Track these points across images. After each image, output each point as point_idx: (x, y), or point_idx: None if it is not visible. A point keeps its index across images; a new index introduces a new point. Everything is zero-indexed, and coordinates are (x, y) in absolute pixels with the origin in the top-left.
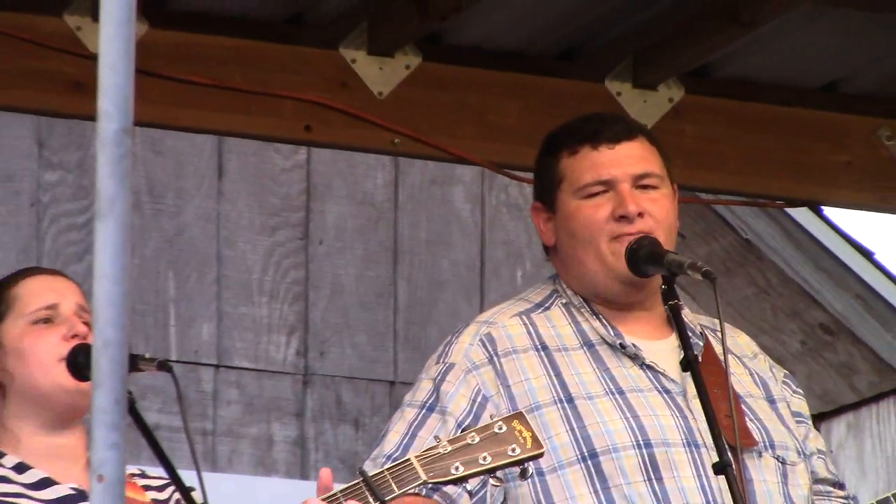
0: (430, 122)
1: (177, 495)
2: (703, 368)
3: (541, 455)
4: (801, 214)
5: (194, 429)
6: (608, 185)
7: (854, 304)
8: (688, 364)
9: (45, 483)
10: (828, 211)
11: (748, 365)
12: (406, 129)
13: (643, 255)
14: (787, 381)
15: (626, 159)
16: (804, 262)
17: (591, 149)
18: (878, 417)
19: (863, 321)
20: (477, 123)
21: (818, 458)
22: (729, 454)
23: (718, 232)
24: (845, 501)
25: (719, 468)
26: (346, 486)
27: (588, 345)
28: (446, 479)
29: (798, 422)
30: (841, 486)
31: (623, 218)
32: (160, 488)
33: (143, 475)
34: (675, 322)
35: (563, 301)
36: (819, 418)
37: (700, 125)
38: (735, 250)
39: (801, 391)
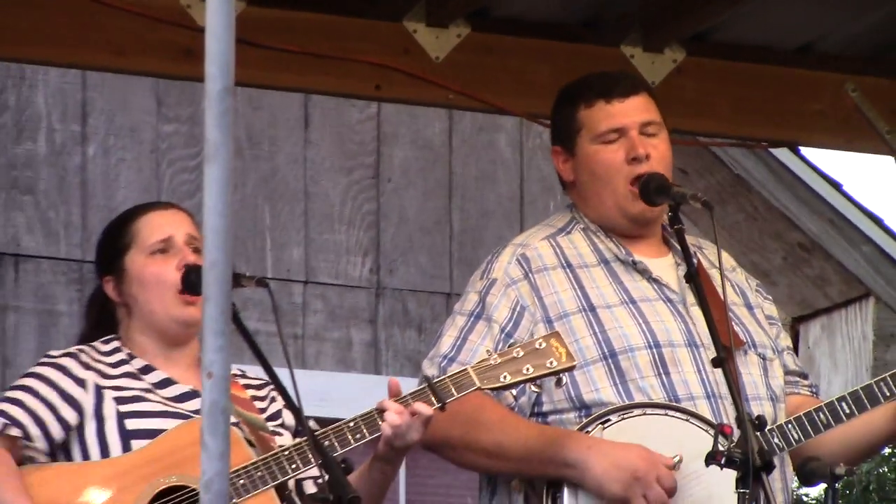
0: (477, 81)
1: (274, 393)
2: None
3: (573, 368)
4: (782, 153)
5: (286, 334)
6: (620, 133)
7: (826, 226)
8: (690, 277)
9: (167, 382)
10: (804, 150)
11: (729, 277)
12: (458, 87)
13: (653, 187)
14: (759, 289)
15: (634, 111)
16: (785, 193)
17: (604, 102)
18: (847, 320)
19: (833, 241)
20: (516, 81)
21: (787, 353)
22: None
23: (714, 168)
24: (809, 388)
25: (717, 363)
26: (413, 390)
27: (604, 262)
28: (496, 385)
29: (770, 323)
30: (805, 377)
31: (635, 159)
32: (258, 387)
33: (243, 375)
34: (680, 242)
35: (581, 226)
36: (798, 321)
37: (698, 81)
38: (728, 183)
39: (770, 297)
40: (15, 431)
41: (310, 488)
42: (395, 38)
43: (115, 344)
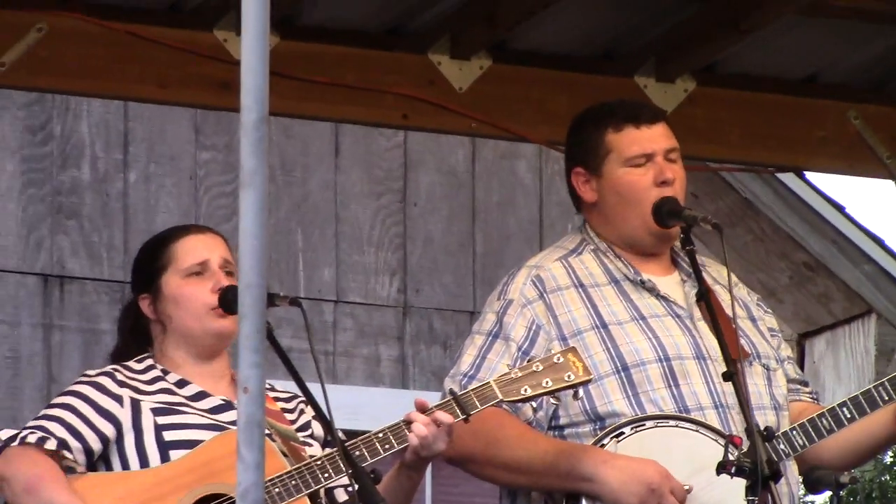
0: (499, 110)
1: (302, 405)
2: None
3: (590, 381)
4: (789, 178)
5: (318, 351)
6: (648, 157)
7: (830, 247)
8: (702, 295)
9: (201, 395)
10: (809, 175)
11: (733, 293)
12: (480, 116)
13: (666, 211)
14: (760, 303)
15: (660, 137)
16: (791, 215)
17: (634, 128)
18: (850, 335)
19: (837, 260)
20: (536, 111)
21: (788, 363)
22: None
23: (723, 192)
24: (810, 395)
25: (728, 376)
26: (438, 402)
27: (615, 281)
28: (517, 398)
29: (772, 335)
30: (806, 384)
31: (664, 183)
32: (287, 399)
33: (272, 389)
34: (691, 263)
35: (591, 247)
36: (804, 336)
37: (709, 110)
38: (736, 206)
39: (770, 311)
40: (51, 444)
41: (341, 496)
42: (421, 70)
43: (149, 362)
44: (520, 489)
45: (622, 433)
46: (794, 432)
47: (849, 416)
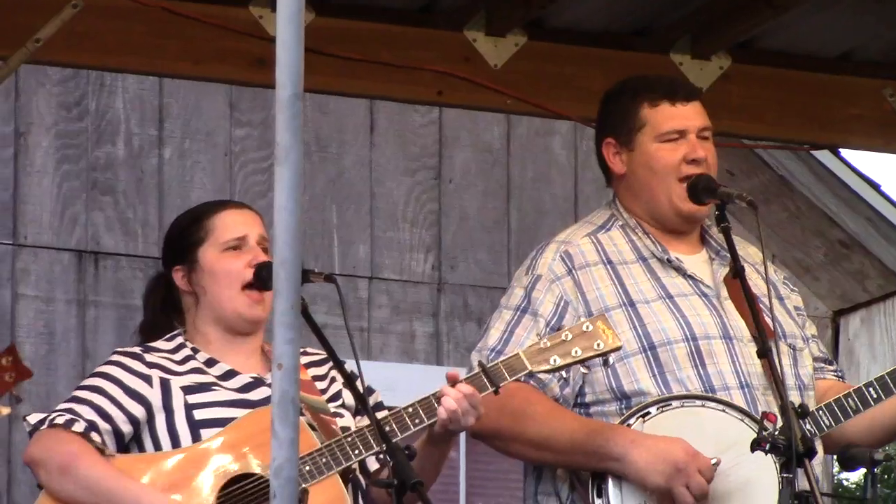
0: (534, 87)
1: (334, 372)
2: (730, 277)
3: (619, 348)
4: (824, 155)
5: (353, 327)
6: (681, 134)
7: (865, 224)
8: (737, 273)
9: (230, 374)
10: (844, 152)
11: (759, 270)
12: (515, 93)
13: (701, 188)
14: (786, 282)
15: (695, 115)
16: (826, 192)
17: (669, 104)
18: (885, 313)
19: (872, 238)
20: (570, 87)
21: (813, 341)
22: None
23: (759, 169)
24: (835, 373)
25: (762, 353)
26: (468, 375)
27: (642, 259)
28: (547, 368)
29: (798, 314)
30: (830, 362)
31: (694, 161)
32: (319, 363)
33: (304, 352)
34: (727, 240)
35: (620, 223)
36: (839, 314)
37: (744, 87)
38: (772, 184)
39: (796, 289)
40: (79, 426)
41: (373, 465)
42: (456, 47)
43: (179, 340)
44: (545, 466)
45: (648, 412)
46: (821, 412)
47: (875, 396)
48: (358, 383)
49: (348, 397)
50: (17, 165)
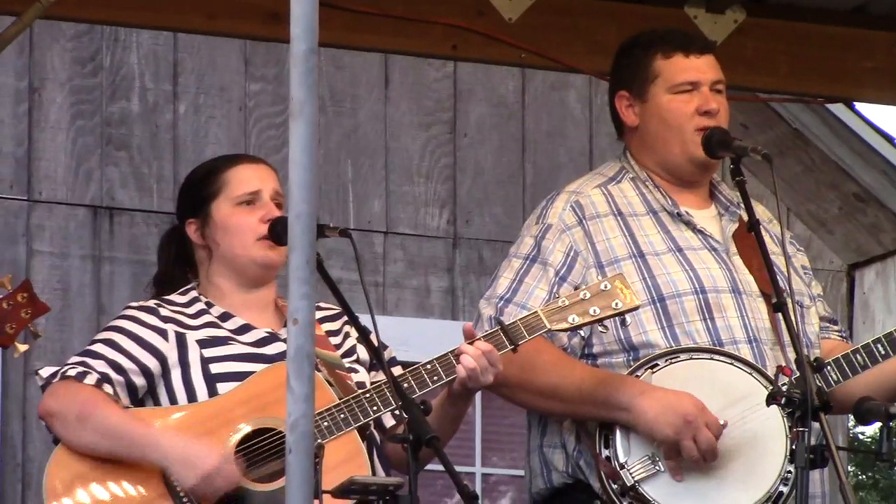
0: (548, 41)
1: (347, 326)
2: (740, 233)
3: (637, 308)
4: (838, 108)
5: (368, 282)
6: (694, 86)
7: (879, 177)
8: (752, 226)
9: (245, 329)
10: (859, 105)
11: (767, 228)
12: (530, 47)
13: (716, 141)
14: (793, 240)
15: (708, 68)
16: (840, 146)
17: (683, 56)
18: None
19: (886, 191)
20: (585, 41)
21: (819, 300)
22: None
23: (773, 123)
24: (839, 333)
25: (777, 307)
26: (487, 332)
27: (652, 212)
28: (566, 326)
29: (805, 272)
30: (835, 322)
31: (707, 113)
32: (333, 318)
33: (318, 307)
34: (741, 194)
35: (631, 176)
36: (853, 267)
37: (758, 41)
38: (786, 137)
39: (802, 248)
40: (91, 379)
41: (389, 421)
42: (470, 1)
43: (193, 294)
44: (551, 417)
45: (656, 364)
46: (829, 368)
47: (883, 352)
48: (373, 338)
49: (363, 352)
50: (32, 121)
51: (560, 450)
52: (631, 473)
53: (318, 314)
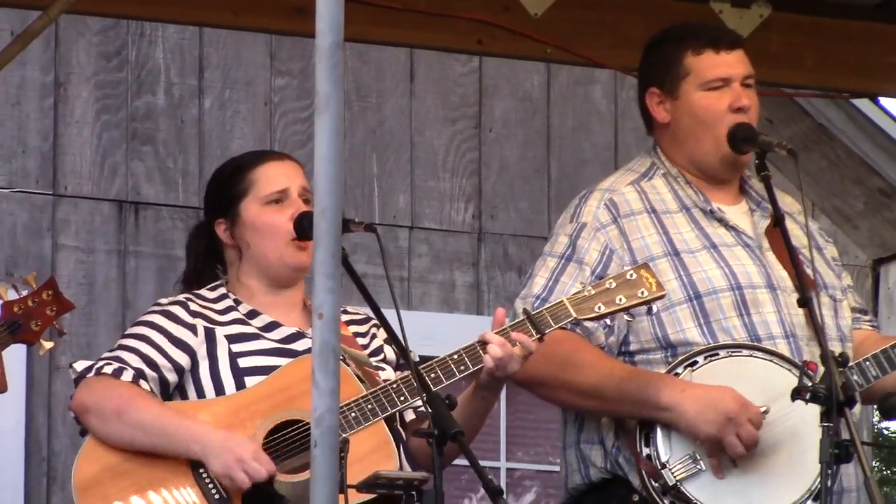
0: (574, 36)
1: (374, 328)
2: (772, 228)
3: (663, 296)
4: (863, 103)
5: (393, 276)
6: (725, 82)
7: None
8: (778, 221)
9: (273, 326)
10: (884, 100)
11: (797, 220)
12: (556, 42)
13: (741, 137)
14: (822, 232)
15: (739, 63)
16: (865, 141)
17: (713, 52)
18: None
19: None
20: (611, 36)
21: (849, 291)
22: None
23: (798, 118)
24: (870, 323)
25: (802, 303)
26: (513, 322)
27: (685, 209)
28: (591, 315)
29: (836, 264)
30: (865, 312)
31: (739, 109)
32: (360, 322)
33: (345, 311)
34: (767, 189)
35: (662, 172)
36: (878, 262)
37: (784, 35)
38: (811, 132)
39: (831, 240)
40: (128, 375)
41: (409, 416)
42: None
43: (222, 290)
44: (589, 415)
45: (696, 362)
46: (867, 363)
47: None
48: (399, 333)
49: (389, 352)
50: (58, 116)
51: (598, 446)
52: (672, 473)
53: (346, 317)
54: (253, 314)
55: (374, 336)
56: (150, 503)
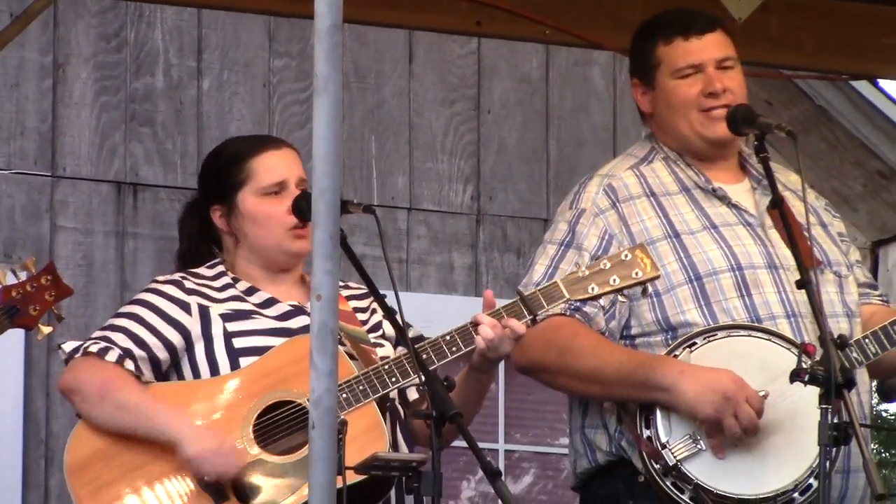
0: (573, 17)
1: (374, 304)
2: (772, 207)
3: (658, 277)
4: (862, 86)
5: (392, 258)
6: (697, 68)
7: None
8: (775, 203)
9: (271, 302)
10: (882, 82)
11: (801, 197)
12: (555, 23)
13: (740, 118)
14: (828, 207)
15: (710, 47)
16: (864, 123)
17: (683, 39)
18: None
19: None
20: (610, 18)
21: (857, 266)
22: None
23: (797, 100)
24: (880, 297)
25: (802, 283)
26: (506, 304)
27: (686, 189)
28: (584, 296)
29: (842, 240)
30: (875, 287)
31: (711, 94)
32: (360, 296)
33: (346, 286)
34: (766, 170)
35: (662, 156)
36: (877, 245)
37: (783, 17)
38: (810, 114)
39: (838, 215)
40: (113, 355)
41: (413, 395)
42: None
43: (220, 268)
44: (591, 399)
45: (694, 343)
46: (867, 340)
47: None
48: (398, 316)
49: (388, 328)
50: (56, 97)
51: (602, 430)
52: (673, 453)
53: (346, 292)
54: (251, 291)
55: (373, 311)
56: (141, 486)
